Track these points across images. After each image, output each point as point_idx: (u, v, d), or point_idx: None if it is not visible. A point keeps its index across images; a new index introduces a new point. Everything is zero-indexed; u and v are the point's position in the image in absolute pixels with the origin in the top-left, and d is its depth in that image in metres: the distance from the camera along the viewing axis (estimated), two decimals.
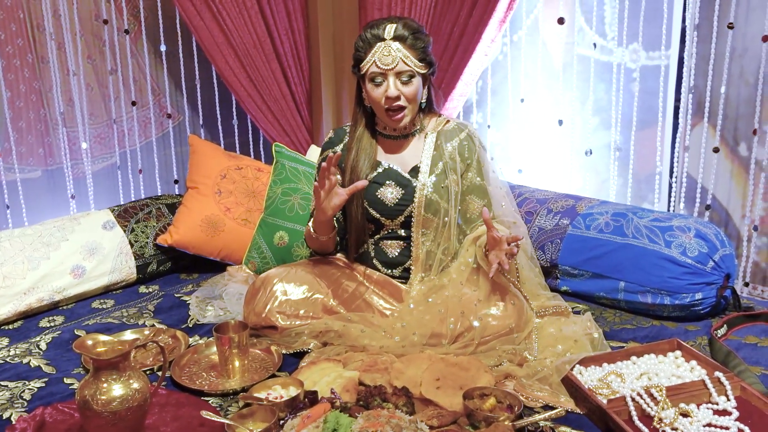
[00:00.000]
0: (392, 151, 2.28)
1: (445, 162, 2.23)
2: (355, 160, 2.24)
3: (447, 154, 2.24)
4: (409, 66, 2.10)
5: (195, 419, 1.70)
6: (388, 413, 1.59)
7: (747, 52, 2.52)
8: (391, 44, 2.09)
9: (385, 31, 2.10)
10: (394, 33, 2.09)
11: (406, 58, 2.09)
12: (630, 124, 2.81)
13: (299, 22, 3.25)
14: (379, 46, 2.10)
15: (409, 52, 2.10)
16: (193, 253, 2.79)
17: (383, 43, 2.10)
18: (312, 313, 2.14)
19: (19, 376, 2.02)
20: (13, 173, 2.96)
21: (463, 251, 2.20)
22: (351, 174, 2.23)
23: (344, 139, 2.31)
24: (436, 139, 2.25)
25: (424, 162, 2.24)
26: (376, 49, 2.10)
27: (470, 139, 2.27)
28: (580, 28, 2.92)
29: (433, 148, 2.25)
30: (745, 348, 2.04)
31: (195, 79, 3.35)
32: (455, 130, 2.27)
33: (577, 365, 1.88)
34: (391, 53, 2.09)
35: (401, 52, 2.09)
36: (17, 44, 2.90)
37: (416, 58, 2.11)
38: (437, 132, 2.26)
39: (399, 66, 2.10)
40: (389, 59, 2.09)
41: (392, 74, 2.11)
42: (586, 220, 2.49)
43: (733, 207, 2.66)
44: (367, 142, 2.26)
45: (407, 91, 2.12)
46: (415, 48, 2.11)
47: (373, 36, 2.11)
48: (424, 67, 2.14)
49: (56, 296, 2.48)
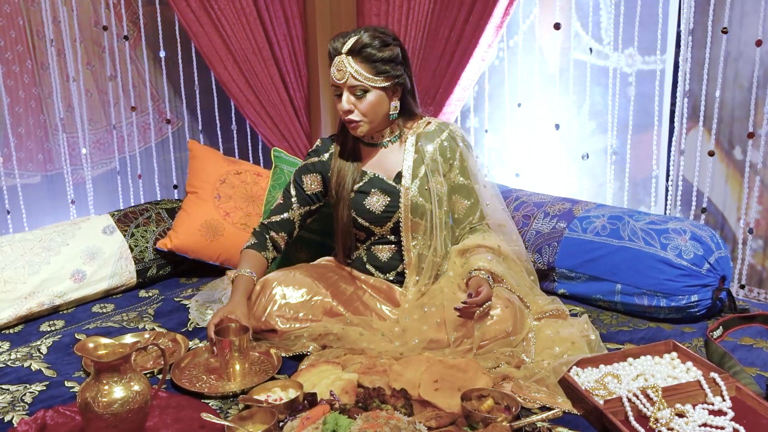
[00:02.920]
0: (375, 160, 2.30)
1: (427, 164, 2.25)
2: (341, 164, 2.28)
3: (428, 155, 2.26)
4: (360, 81, 2.11)
5: (195, 421, 1.72)
6: (386, 414, 1.60)
7: (741, 57, 2.55)
8: (344, 59, 2.11)
9: (343, 45, 2.11)
10: (350, 47, 2.10)
11: (357, 73, 2.10)
12: (626, 128, 2.83)
13: (298, 29, 3.27)
14: (335, 60, 2.13)
15: (361, 67, 2.11)
16: (193, 257, 2.80)
17: (339, 57, 2.12)
18: (311, 315, 2.15)
19: (20, 380, 2.03)
20: (13, 178, 2.97)
21: (450, 263, 2.23)
22: (337, 176, 2.28)
23: (330, 148, 2.35)
24: (415, 142, 2.27)
25: (406, 167, 2.26)
26: (334, 63, 2.13)
27: (451, 138, 2.28)
28: (576, 33, 2.95)
29: (413, 152, 2.27)
30: (741, 349, 2.05)
31: (194, 85, 3.37)
32: (436, 132, 2.29)
33: (574, 367, 1.89)
34: (342, 68, 2.11)
35: (352, 67, 2.10)
36: (17, 51, 2.92)
37: (370, 73, 2.11)
38: (416, 135, 2.28)
39: (349, 81, 2.11)
40: (339, 74, 2.12)
41: (345, 88, 2.13)
42: (583, 223, 2.50)
43: (729, 210, 2.68)
44: (352, 151, 2.30)
45: (361, 106, 2.14)
46: (371, 61, 2.11)
47: (333, 49, 2.14)
48: (383, 80, 2.13)
49: (57, 300, 2.49)
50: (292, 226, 2.35)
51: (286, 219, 2.34)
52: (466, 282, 2.11)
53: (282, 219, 2.34)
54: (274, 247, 2.33)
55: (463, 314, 2.01)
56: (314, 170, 2.35)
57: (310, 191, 2.34)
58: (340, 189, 2.26)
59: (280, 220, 2.34)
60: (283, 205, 2.36)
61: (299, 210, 2.34)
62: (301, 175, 2.36)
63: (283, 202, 2.36)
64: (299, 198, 2.34)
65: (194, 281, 2.82)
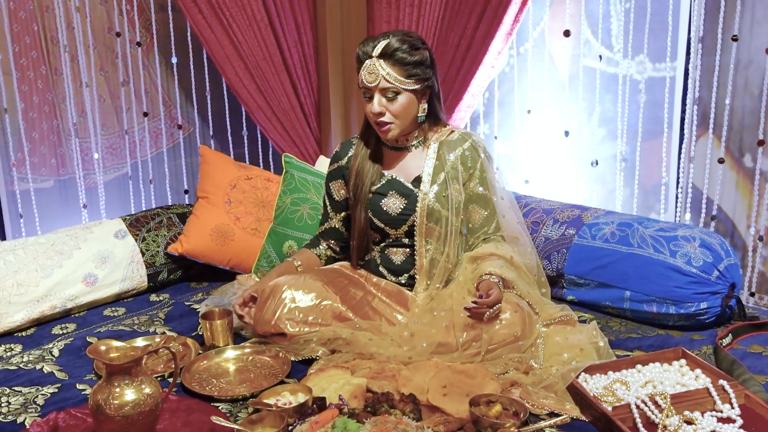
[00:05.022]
0: (395, 162, 2.33)
1: (447, 171, 2.27)
2: (360, 165, 2.31)
3: (449, 164, 2.27)
4: (392, 83, 2.13)
5: (205, 424, 1.73)
6: (395, 419, 1.61)
7: (751, 64, 2.54)
8: (376, 62, 2.13)
9: (374, 48, 2.14)
10: (381, 50, 2.13)
11: (388, 75, 2.13)
12: (636, 135, 2.83)
13: (308, 35, 3.29)
14: (366, 63, 2.15)
15: (393, 70, 2.13)
16: (203, 261, 2.82)
17: (370, 60, 2.14)
18: (321, 319, 2.16)
19: (33, 382, 2.05)
20: (27, 183, 3.01)
21: (461, 269, 2.24)
22: (355, 178, 2.32)
23: (349, 152, 2.38)
24: (438, 150, 2.29)
25: (426, 172, 2.28)
26: (364, 66, 2.15)
27: (473, 149, 2.30)
28: (586, 41, 2.95)
29: (435, 159, 2.29)
30: (750, 357, 2.05)
31: (205, 91, 3.39)
32: (459, 140, 2.31)
33: (583, 373, 1.89)
34: (374, 71, 2.13)
35: (384, 69, 2.12)
36: (31, 56, 2.95)
37: (402, 75, 2.14)
38: (440, 142, 2.30)
39: (381, 83, 2.14)
40: (372, 77, 2.14)
41: (377, 91, 2.15)
42: (592, 229, 2.50)
43: (739, 217, 2.67)
44: (372, 153, 2.33)
45: (392, 108, 2.17)
46: (402, 64, 2.13)
47: (363, 53, 2.16)
48: (413, 83, 2.16)
49: (69, 304, 2.51)
50: (338, 232, 2.46)
51: (329, 228, 2.46)
52: (477, 285, 2.11)
53: (326, 229, 2.47)
54: (329, 249, 2.48)
55: (472, 315, 2.02)
56: (337, 176, 2.41)
57: (339, 197, 2.42)
58: (357, 191, 2.31)
59: (324, 230, 2.48)
60: (324, 215, 2.48)
61: (337, 216, 2.44)
62: (328, 183, 2.44)
63: (324, 212, 2.48)
64: (333, 206, 2.44)
65: (204, 285, 2.83)
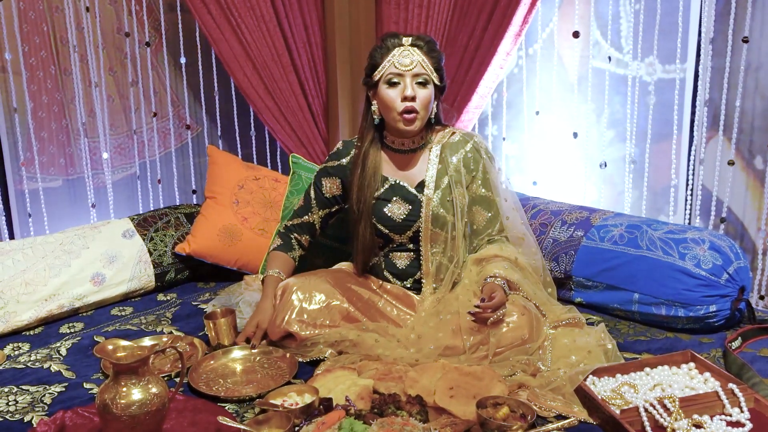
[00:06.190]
0: (399, 167, 2.31)
1: (450, 175, 2.26)
2: (362, 177, 2.27)
3: (452, 167, 2.26)
4: (425, 70, 2.16)
5: (212, 425, 1.73)
6: (401, 421, 1.61)
7: (762, 66, 2.53)
8: (410, 48, 2.17)
9: (403, 38, 2.18)
10: (413, 40, 2.18)
11: (423, 62, 2.16)
12: (645, 136, 2.82)
13: (317, 36, 3.29)
14: (398, 49, 2.17)
15: (426, 58, 2.17)
16: (211, 262, 2.83)
17: (401, 47, 2.17)
18: (329, 321, 2.16)
19: (40, 381, 2.06)
20: (36, 182, 3.02)
21: (466, 271, 2.23)
22: (358, 191, 2.27)
23: (351, 152, 2.35)
24: (440, 153, 2.28)
25: (429, 176, 2.26)
26: (395, 52, 2.17)
27: (475, 150, 2.29)
28: (595, 42, 2.94)
29: (437, 162, 2.27)
30: (760, 361, 2.03)
31: (214, 91, 3.40)
32: (460, 142, 2.30)
33: (591, 376, 1.88)
34: (410, 55, 2.16)
35: (419, 56, 2.16)
36: (41, 56, 2.96)
37: (433, 66, 2.17)
38: (442, 145, 2.29)
39: (417, 68, 2.15)
40: (408, 60, 2.15)
41: (410, 75, 2.16)
42: (600, 231, 2.49)
43: (749, 220, 2.65)
44: (374, 158, 2.28)
45: (422, 95, 2.17)
46: (431, 56, 2.18)
47: (392, 43, 2.19)
48: (438, 77, 2.19)
49: (76, 303, 2.52)
50: (313, 228, 2.42)
51: (306, 222, 2.41)
52: (482, 288, 2.11)
53: (303, 222, 2.41)
54: (300, 247, 2.42)
55: (476, 319, 2.02)
56: (334, 174, 2.36)
57: (329, 194, 2.37)
58: (361, 205, 2.27)
59: (300, 222, 2.41)
60: (304, 208, 2.41)
61: (319, 212, 2.39)
62: (321, 178, 2.38)
63: (304, 204, 2.42)
64: (318, 201, 2.39)
65: (212, 286, 2.84)
